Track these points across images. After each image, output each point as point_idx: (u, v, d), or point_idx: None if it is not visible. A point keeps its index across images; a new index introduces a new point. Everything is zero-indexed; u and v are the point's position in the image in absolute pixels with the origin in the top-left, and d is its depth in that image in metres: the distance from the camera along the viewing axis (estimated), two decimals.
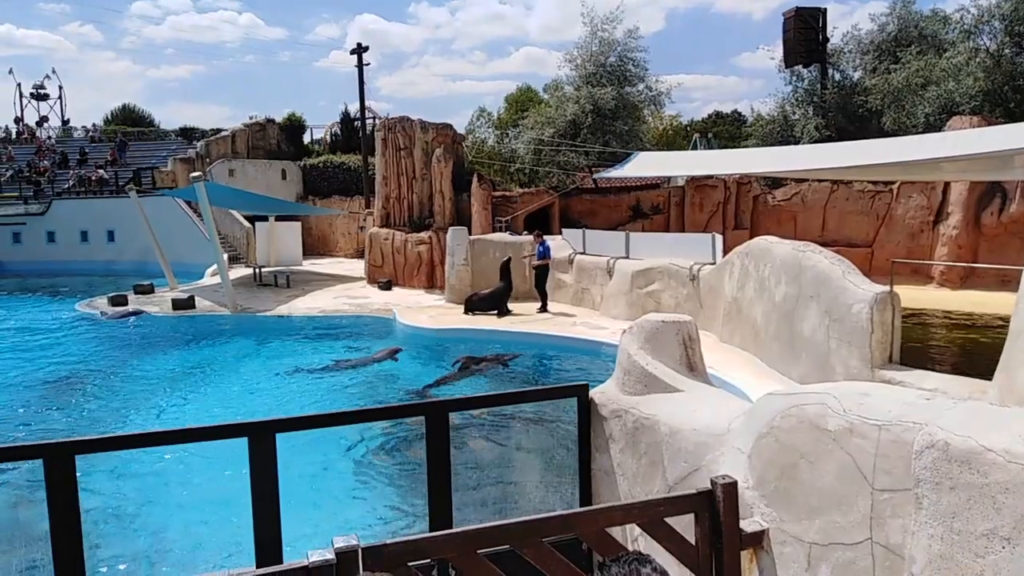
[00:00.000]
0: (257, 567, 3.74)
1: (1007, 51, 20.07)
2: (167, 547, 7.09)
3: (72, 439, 3.78)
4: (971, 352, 11.16)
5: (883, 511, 2.74)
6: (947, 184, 18.11)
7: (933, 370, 8.68)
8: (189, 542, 7.12)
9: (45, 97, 44.84)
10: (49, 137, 41.14)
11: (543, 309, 16.80)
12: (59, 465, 3.57)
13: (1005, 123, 15.26)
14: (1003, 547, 2.26)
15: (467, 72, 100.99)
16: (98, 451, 3.95)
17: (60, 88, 46.27)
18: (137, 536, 7.34)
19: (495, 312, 16.67)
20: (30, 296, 24.01)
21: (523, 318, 16.28)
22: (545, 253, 16.98)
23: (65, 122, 45.42)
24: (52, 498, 3.56)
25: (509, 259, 17.16)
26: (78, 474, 3.62)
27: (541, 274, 17.03)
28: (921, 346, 11.25)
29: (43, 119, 44.18)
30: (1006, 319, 5.63)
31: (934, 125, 19.42)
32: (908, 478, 2.60)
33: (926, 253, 18.38)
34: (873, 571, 2.79)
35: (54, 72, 53.14)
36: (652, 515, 3.21)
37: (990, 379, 6.00)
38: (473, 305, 17.01)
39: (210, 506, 7.68)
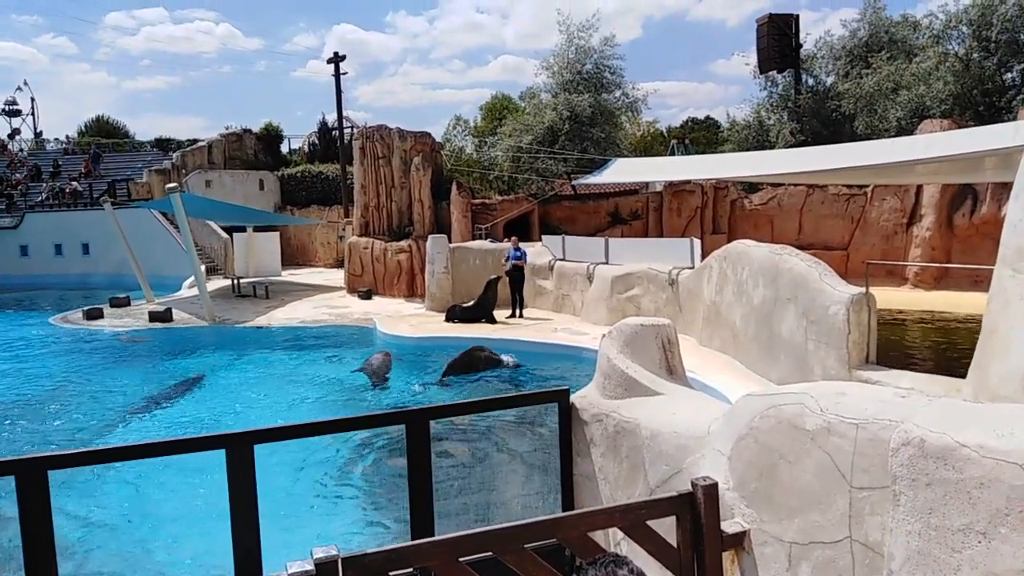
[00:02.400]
0: None
1: (975, 56, 20.46)
2: (144, 563, 6.98)
3: (45, 454, 3.72)
4: (946, 351, 11.32)
5: (862, 509, 2.76)
6: (920, 187, 18.39)
7: (909, 369, 8.78)
8: (166, 557, 7.01)
9: (17, 113, 44.25)
10: (21, 150, 40.54)
11: (513, 315, 16.82)
12: (32, 481, 3.50)
13: (975, 126, 15.54)
14: (979, 541, 2.29)
15: (446, 80, 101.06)
16: (73, 466, 3.88)
17: (32, 100, 45.73)
18: (113, 552, 7.22)
19: (478, 321, 16.62)
20: (2, 311, 23.60)
21: (504, 325, 16.27)
22: (519, 257, 17.01)
23: (38, 134, 44.83)
24: (25, 515, 3.49)
25: (499, 278, 17.11)
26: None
27: (517, 279, 17.04)
28: (897, 346, 11.40)
29: (15, 131, 43.57)
30: (978, 318, 5.71)
31: (906, 129, 19.74)
32: (885, 475, 2.62)
33: (900, 255, 18.64)
34: (853, 569, 2.80)
35: (26, 84, 52.53)
36: (633, 518, 3.20)
37: (964, 377, 6.08)
38: (456, 315, 16.92)
39: (188, 520, 7.58)
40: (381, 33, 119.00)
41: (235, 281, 23.94)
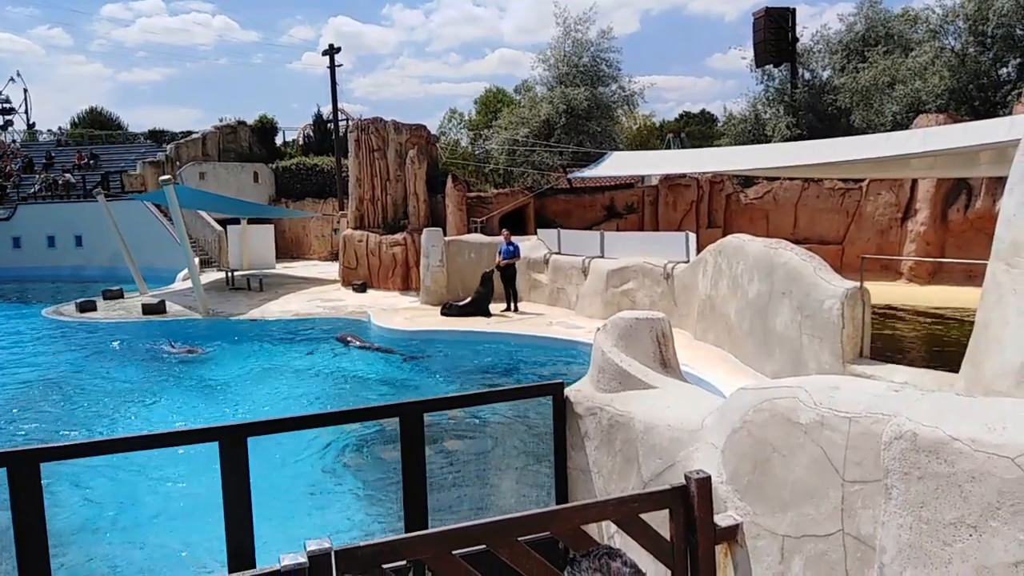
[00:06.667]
0: (230, 573, 3.69)
1: (971, 50, 20.46)
2: (137, 555, 6.97)
3: (37, 446, 3.70)
4: (939, 345, 11.36)
5: (854, 502, 2.76)
6: (915, 181, 18.42)
7: (903, 364, 8.81)
8: (159, 549, 7.00)
9: (11, 112, 43.93)
10: (14, 141, 40.30)
11: (508, 309, 16.81)
12: (24, 473, 3.49)
13: (970, 121, 15.55)
14: (970, 535, 2.29)
15: (442, 74, 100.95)
16: (65, 458, 3.86)
17: (25, 91, 45.41)
18: (106, 544, 7.20)
19: (473, 315, 16.59)
20: None
21: (500, 319, 16.28)
22: (512, 253, 16.99)
23: (31, 126, 44.56)
24: (17, 507, 3.48)
25: (492, 271, 17.06)
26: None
27: (508, 274, 17.02)
28: (891, 340, 11.43)
29: (7, 123, 43.29)
30: (972, 312, 5.72)
31: (901, 123, 19.73)
32: (878, 469, 2.62)
33: (895, 249, 18.68)
34: (845, 562, 2.81)
35: (19, 75, 52.14)
36: (627, 511, 3.21)
37: (958, 371, 6.10)
38: (452, 312, 16.86)
39: (181, 512, 7.57)
40: (378, 26, 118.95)
41: (229, 274, 23.87)
